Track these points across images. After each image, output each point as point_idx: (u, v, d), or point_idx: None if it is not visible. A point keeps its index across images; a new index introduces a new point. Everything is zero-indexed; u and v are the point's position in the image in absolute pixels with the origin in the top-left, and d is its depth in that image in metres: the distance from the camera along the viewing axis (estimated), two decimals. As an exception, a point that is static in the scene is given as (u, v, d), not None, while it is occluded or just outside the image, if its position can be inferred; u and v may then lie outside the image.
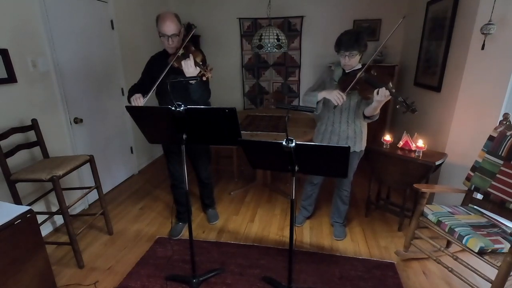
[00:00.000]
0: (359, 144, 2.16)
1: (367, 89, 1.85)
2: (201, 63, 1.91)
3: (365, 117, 2.02)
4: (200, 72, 1.88)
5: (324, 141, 2.21)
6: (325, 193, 3.00)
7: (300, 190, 2.60)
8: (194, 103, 1.94)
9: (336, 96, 1.88)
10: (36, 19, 2.29)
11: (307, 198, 2.56)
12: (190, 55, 1.87)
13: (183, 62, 1.86)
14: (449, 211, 1.93)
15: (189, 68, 1.85)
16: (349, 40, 1.87)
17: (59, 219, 2.54)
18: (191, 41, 2.12)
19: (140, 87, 2.12)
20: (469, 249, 1.65)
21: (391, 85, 1.81)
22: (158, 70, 1.98)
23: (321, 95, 2.00)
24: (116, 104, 3.28)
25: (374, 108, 1.88)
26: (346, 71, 2.01)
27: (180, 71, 1.90)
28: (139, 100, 1.95)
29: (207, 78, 1.89)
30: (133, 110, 1.68)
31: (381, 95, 1.74)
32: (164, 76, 1.89)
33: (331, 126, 2.15)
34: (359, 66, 2.02)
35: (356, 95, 1.99)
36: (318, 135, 2.26)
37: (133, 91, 2.10)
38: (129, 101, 2.00)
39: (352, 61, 1.94)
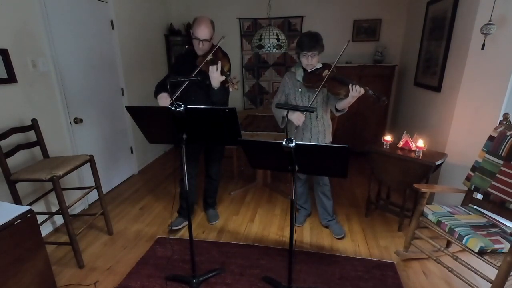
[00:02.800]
0: (328, 137, 2.31)
1: (336, 85, 1.99)
2: (228, 73, 2.05)
3: (337, 110, 2.12)
4: (227, 83, 2.00)
5: (297, 139, 2.27)
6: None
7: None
8: (213, 104, 2.10)
9: (297, 118, 2.09)
10: (36, 19, 2.29)
11: (301, 197, 2.60)
12: (219, 62, 1.99)
13: (210, 67, 1.97)
14: (449, 211, 1.93)
15: (214, 73, 1.97)
16: (311, 41, 2.01)
17: (59, 219, 2.54)
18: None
19: (165, 82, 2.20)
20: (469, 249, 1.65)
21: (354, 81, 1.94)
22: (186, 69, 2.09)
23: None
24: (116, 104, 3.28)
25: (348, 102, 1.99)
26: (309, 71, 2.13)
27: (206, 75, 2.02)
28: (166, 100, 2.05)
29: (233, 89, 2.00)
30: (133, 110, 1.68)
31: (355, 91, 1.86)
32: (187, 83, 1.99)
33: (303, 123, 2.22)
34: (320, 65, 2.13)
35: (323, 91, 2.12)
36: (291, 134, 2.32)
37: (160, 87, 2.20)
38: (156, 98, 2.12)
39: (314, 61, 2.07)
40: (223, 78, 1.99)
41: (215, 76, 1.97)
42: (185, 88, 2.09)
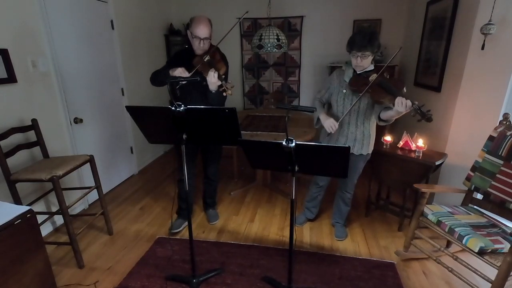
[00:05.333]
0: (366, 147, 2.12)
1: (380, 92, 1.81)
2: (223, 76, 2.01)
3: (380, 119, 1.97)
4: (222, 87, 1.96)
5: (331, 142, 2.17)
6: (327, 193, 2.99)
7: (300, 190, 2.60)
8: (210, 105, 2.05)
9: (329, 125, 1.99)
10: (36, 19, 2.29)
11: (312, 200, 2.54)
12: (217, 71, 1.96)
13: (209, 72, 1.94)
14: (449, 211, 1.93)
15: (212, 78, 1.95)
16: (363, 40, 1.81)
17: (59, 219, 2.54)
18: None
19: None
20: (469, 249, 1.65)
21: (404, 91, 1.77)
22: (181, 65, 2.05)
23: (321, 116, 2.08)
24: (116, 104, 3.28)
25: (391, 116, 1.84)
26: (358, 72, 1.98)
27: (203, 75, 2.00)
28: (185, 73, 1.98)
29: (227, 94, 1.97)
30: (133, 110, 1.68)
31: (401, 105, 1.66)
32: (183, 82, 1.96)
33: (339, 127, 2.10)
34: (371, 67, 1.99)
35: (367, 97, 1.95)
36: (325, 136, 2.22)
37: (156, 75, 2.17)
38: (165, 78, 2.01)
39: (364, 62, 1.90)
40: (220, 82, 1.97)
41: (213, 81, 1.95)
42: (181, 89, 2.05)
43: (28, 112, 2.25)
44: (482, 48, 2.17)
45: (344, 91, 2.04)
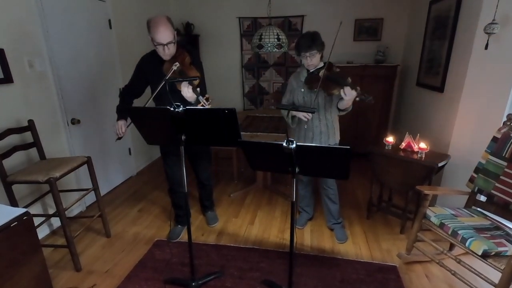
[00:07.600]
0: (333, 138, 2.25)
1: (329, 85, 1.98)
2: (198, 89, 1.84)
3: (339, 110, 2.12)
4: (200, 102, 1.79)
5: (300, 139, 2.29)
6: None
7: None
8: None
9: (304, 114, 2.08)
10: (33, 18, 2.26)
11: (303, 199, 2.56)
12: (190, 86, 1.82)
13: (182, 86, 1.83)
14: (452, 213, 1.91)
15: (187, 93, 1.84)
16: (306, 41, 2.01)
17: (56, 222, 2.51)
18: (191, 41, 2.10)
19: (131, 89, 2.19)
20: (472, 252, 1.63)
21: (349, 80, 1.93)
22: (152, 75, 1.98)
23: (294, 112, 2.15)
24: (114, 105, 3.21)
25: (346, 104, 1.99)
26: (310, 71, 2.12)
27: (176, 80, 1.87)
28: (121, 130, 2.04)
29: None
30: (131, 111, 1.65)
31: (349, 95, 1.85)
32: (161, 88, 1.81)
33: (305, 123, 2.23)
34: (321, 64, 2.12)
35: (322, 91, 2.09)
36: (294, 134, 2.34)
37: (124, 94, 2.19)
38: (127, 111, 1.95)
39: (314, 61, 2.06)
40: (195, 96, 1.79)
41: (189, 96, 1.82)
42: (158, 92, 1.87)
43: (24, 113, 2.22)
44: (486, 47, 2.14)
45: (302, 90, 2.19)
